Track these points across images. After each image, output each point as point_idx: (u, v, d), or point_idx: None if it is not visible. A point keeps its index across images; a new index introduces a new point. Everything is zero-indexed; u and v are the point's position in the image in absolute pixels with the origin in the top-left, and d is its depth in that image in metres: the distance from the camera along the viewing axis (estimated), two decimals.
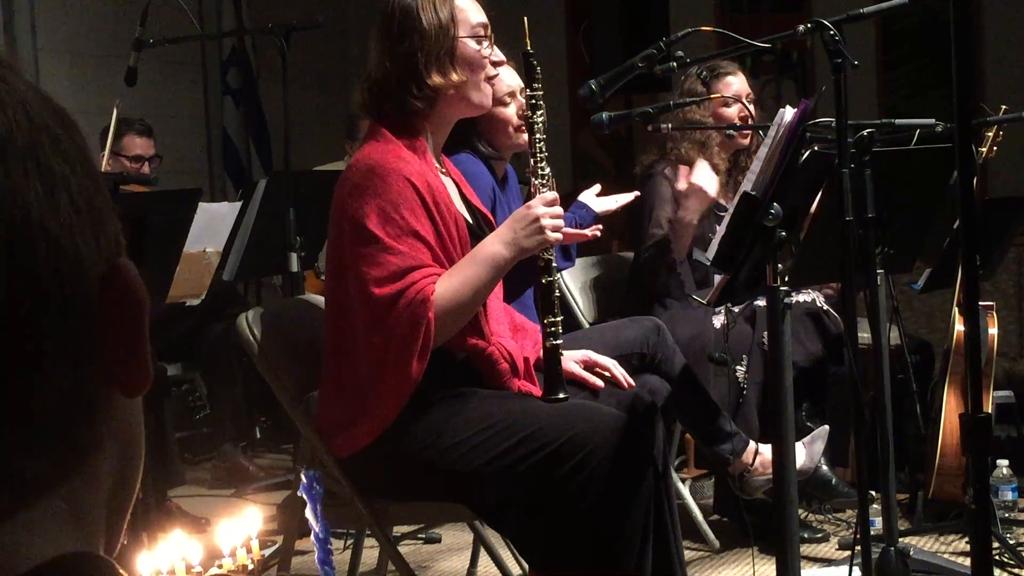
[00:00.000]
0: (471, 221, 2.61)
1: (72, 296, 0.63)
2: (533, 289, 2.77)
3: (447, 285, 2.39)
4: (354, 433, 2.47)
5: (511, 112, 3.28)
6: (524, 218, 2.46)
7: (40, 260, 0.61)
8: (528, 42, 2.60)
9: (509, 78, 3.22)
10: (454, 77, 2.50)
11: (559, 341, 2.54)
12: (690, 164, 3.75)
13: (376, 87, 2.53)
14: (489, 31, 2.60)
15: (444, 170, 2.64)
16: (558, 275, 2.57)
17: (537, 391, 2.59)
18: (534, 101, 2.58)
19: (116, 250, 0.67)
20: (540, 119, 2.59)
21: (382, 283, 2.37)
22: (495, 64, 2.61)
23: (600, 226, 3.27)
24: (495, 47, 2.61)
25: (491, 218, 2.73)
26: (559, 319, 2.55)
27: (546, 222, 2.45)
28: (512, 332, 2.73)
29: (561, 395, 2.50)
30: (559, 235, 2.48)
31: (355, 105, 2.64)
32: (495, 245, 2.45)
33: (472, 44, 2.55)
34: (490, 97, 2.63)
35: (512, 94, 3.26)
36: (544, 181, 2.56)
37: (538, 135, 2.58)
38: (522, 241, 2.44)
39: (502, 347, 2.56)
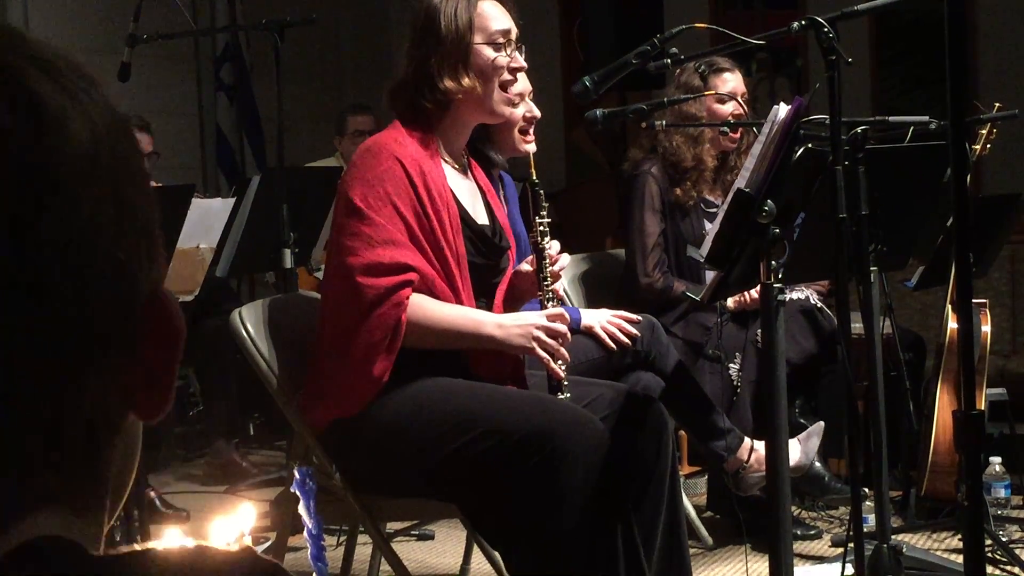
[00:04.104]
0: (488, 224, 2.64)
1: (122, 322, 0.64)
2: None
3: (430, 307, 2.44)
4: (321, 408, 2.53)
5: (519, 112, 3.27)
6: (525, 320, 2.51)
7: (106, 286, 0.62)
8: (533, 172, 2.68)
9: (521, 81, 3.21)
10: (465, 82, 2.54)
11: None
12: (680, 160, 3.73)
13: (398, 86, 2.60)
14: (512, 36, 2.61)
15: (457, 167, 2.66)
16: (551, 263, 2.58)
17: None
18: (543, 228, 2.63)
19: (160, 278, 0.68)
20: (547, 245, 2.62)
21: (367, 273, 2.42)
22: (514, 71, 2.61)
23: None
24: (517, 53, 2.62)
25: (508, 230, 2.75)
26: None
27: (537, 333, 2.49)
28: None
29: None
30: (545, 356, 2.50)
31: (345, 101, 2.67)
32: (490, 319, 2.51)
33: (488, 51, 2.57)
34: (508, 107, 2.64)
35: (521, 95, 3.25)
36: (548, 297, 2.59)
37: (547, 261, 2.61)
38: (512, 336, 2.50)
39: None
